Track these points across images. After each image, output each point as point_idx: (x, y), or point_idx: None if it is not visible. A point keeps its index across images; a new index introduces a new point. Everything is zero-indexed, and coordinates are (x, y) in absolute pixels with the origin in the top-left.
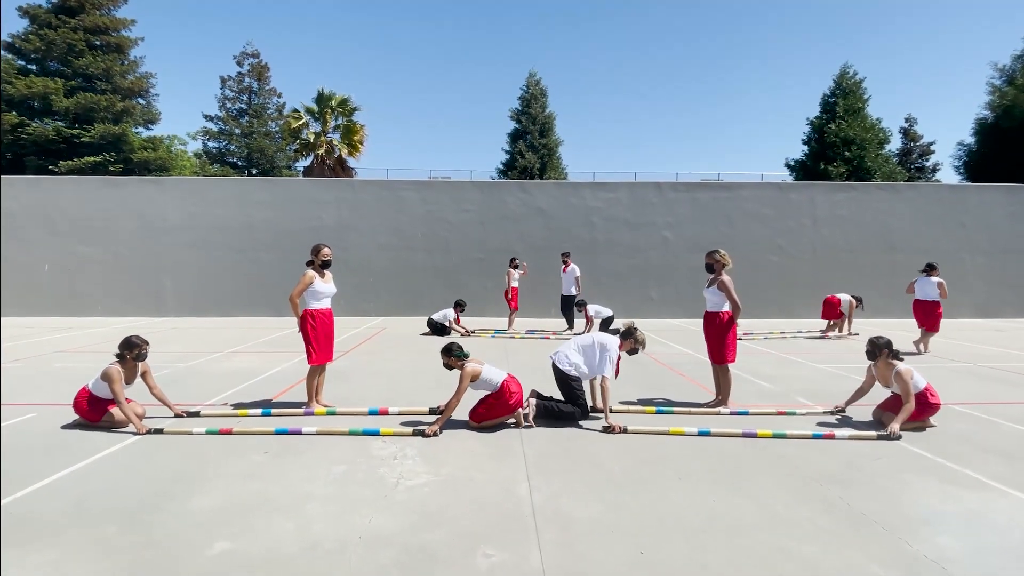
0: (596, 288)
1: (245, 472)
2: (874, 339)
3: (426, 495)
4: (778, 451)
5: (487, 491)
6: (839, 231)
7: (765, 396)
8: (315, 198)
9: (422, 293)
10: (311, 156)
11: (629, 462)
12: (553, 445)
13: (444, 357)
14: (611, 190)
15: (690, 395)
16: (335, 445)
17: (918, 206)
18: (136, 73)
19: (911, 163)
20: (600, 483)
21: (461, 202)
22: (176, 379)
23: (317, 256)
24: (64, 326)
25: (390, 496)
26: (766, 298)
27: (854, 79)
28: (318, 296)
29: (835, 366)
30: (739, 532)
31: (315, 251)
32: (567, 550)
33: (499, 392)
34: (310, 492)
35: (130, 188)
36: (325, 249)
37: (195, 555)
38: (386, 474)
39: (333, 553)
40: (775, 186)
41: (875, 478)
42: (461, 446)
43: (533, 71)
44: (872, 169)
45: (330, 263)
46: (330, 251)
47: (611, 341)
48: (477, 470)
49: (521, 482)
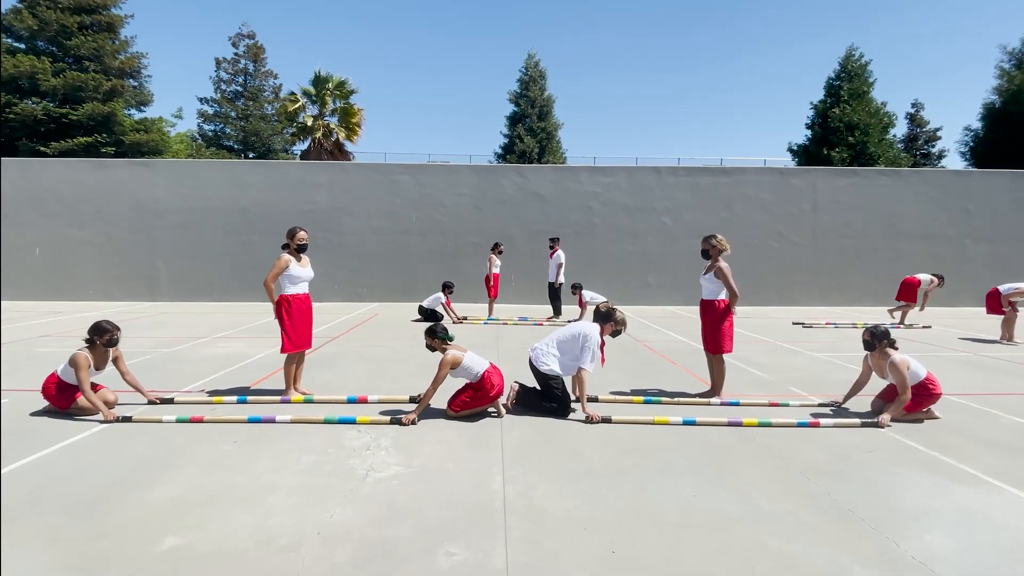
0: (594, 274)
1: (211, 462)
2: (872, 328)
3: (394, 488)
4: (766, 442)
5: (459, 483)
6: (841, 217)
7: (758, 385)
8: (308, 180)
9: (417, 278)
10: (308, 140)
11: (610, 452)
12: (534, 434)
13: (428, 338)
14: (609, 175)
15: (683, 384)
16: (309, 434)
17: (921, 192)
18: (127, 52)
19: (917, 149)
20: (578, 474)
21: (457, 186)
22: (157, 364)
23: (293, 239)
24: (55, 310)
25: (357, 489)
26: (765, 285)
27: (860, 62)
28: (295, 280)
29: (832, 355)
30: (718, 527)
31: (290, 234)
32: (535, 547)
33: (479, 383)
34: (274, 483)
35: (122, 170)
36: (301, 232)
37: (143, 549)
38: (356, 465)
39: (287, 549)
40: (776, 171)
41: (865, 471)
42: (438, 435)
43: (532, 52)
44: (876, 154)
45: (306, 247)
46: (306, 235)
47: (592, 329)
48: (452, 461)
49: (496, 474)
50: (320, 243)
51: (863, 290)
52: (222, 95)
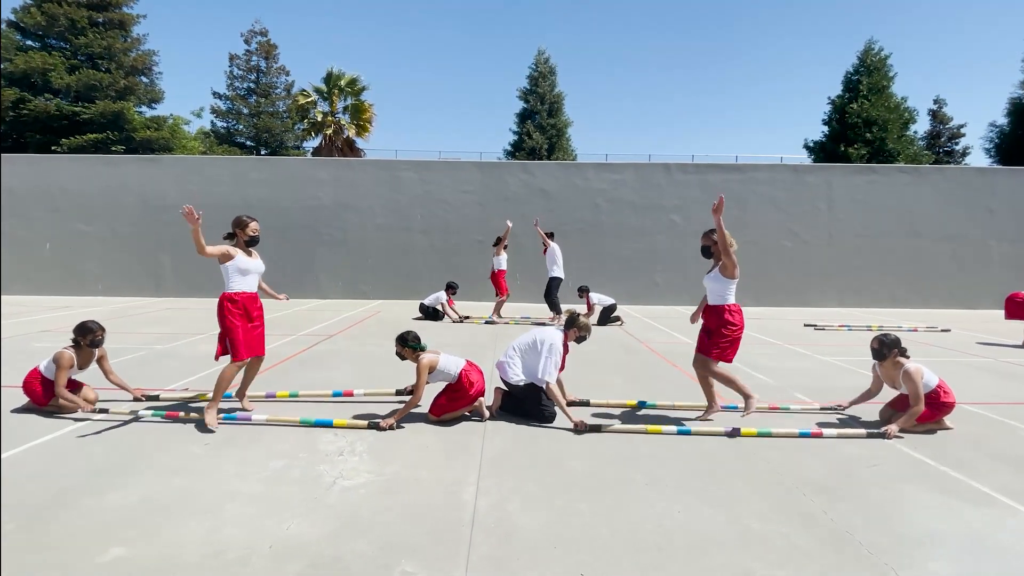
0: (600, 273)
1: (175, 466)
2: (882, 337)
3: (361, 498)
4: (763, 453)
5: (430, 494)
6: (857, 216)
7: (762, 391)
8: (312, 177)
9: (420, 276)
10: (319, 136)
11: (595, 463)
12: (515, 442)
13: (398, 346)
14: (617, 171)
15: (685, 390)
16: (283, 437)
17: (943, 190)
18: (139, 50)
19: (940, 146)
20: (557, 487)
21: (461, 183)
22: (150, 361)
23: (243, 231)
24: (62, 305)
25: (321, 498)
26: (777, 285)
27: (879, 55)
28: (244, 272)
29: (843, 359)
30: (701, 550)
31: (240, 224)
32: (497, 569)
33: (458, 383)
34: (236, 491)
35: (130, 167)
36: (253, 223)
37: (85, 561)
38: (325, 472)
39: (235, 563)
40: (790, 168)
41: (867, 488)
42: (417, 440)
43: (542, 48)
44: (895, 151)
45: (257, 240)
46: (258, 226)
47: (554, 337)
48: (426, 469)
49: (470, 485)
50: (324, 240)
51: (880, 292)
52: (235, 92)
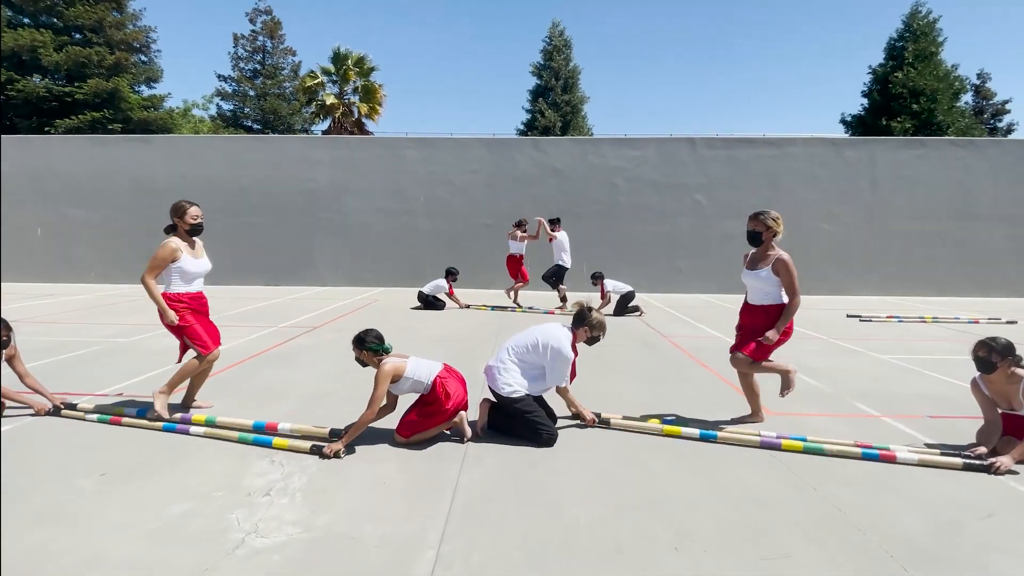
0: (617, 258)
1: (49, 509)
2: (989, 342)
3: (271, 568)
4: (830, 491)
5: (369, 563)
6: (904, 194)
7: (815, 400)
8: (309, 157)
9: (424, 261)
10: (328, 119)
11: (602, 510)
12: (501, 475)
13: (355, 350)
14: (637, 147)
15: (715, 395)
16: (209, 462)
17: (1001, 165)
18: (135, 25)
19: (983, 123)
20: (548, 549)
21: (467, 162)
22: (103, 355)
23: (183, 219)
24: (47, 293)
25: (218, 565)
26: (815, 272)
27: (927, 19)
28: (188, 278)
29: (902, 357)
30: None
31: (178, 211)
32: None
33: (431, 394)
34: (102, 553)
35: (120, 147)
36: (194, 208)
37: None
38: (237, 522)
39: None
40: (828, 142)
41: (983, 554)
42: (371, 473)
43: (556, 20)
44: (944, 124)
45: (201, 229)
46: (200, 211)
47: (561, 339)
48: (372, 520)
49: (428, 548)
50: (322, 224)
51: (928, 279)
52: (240, 73)
